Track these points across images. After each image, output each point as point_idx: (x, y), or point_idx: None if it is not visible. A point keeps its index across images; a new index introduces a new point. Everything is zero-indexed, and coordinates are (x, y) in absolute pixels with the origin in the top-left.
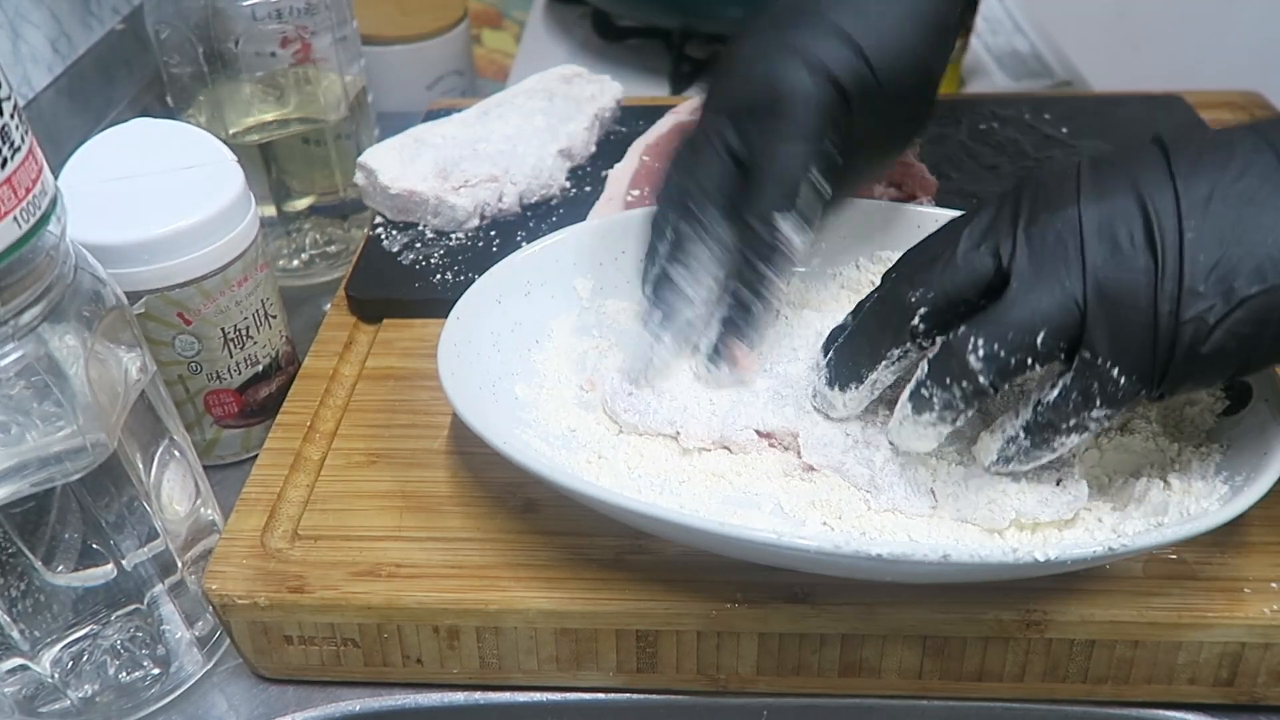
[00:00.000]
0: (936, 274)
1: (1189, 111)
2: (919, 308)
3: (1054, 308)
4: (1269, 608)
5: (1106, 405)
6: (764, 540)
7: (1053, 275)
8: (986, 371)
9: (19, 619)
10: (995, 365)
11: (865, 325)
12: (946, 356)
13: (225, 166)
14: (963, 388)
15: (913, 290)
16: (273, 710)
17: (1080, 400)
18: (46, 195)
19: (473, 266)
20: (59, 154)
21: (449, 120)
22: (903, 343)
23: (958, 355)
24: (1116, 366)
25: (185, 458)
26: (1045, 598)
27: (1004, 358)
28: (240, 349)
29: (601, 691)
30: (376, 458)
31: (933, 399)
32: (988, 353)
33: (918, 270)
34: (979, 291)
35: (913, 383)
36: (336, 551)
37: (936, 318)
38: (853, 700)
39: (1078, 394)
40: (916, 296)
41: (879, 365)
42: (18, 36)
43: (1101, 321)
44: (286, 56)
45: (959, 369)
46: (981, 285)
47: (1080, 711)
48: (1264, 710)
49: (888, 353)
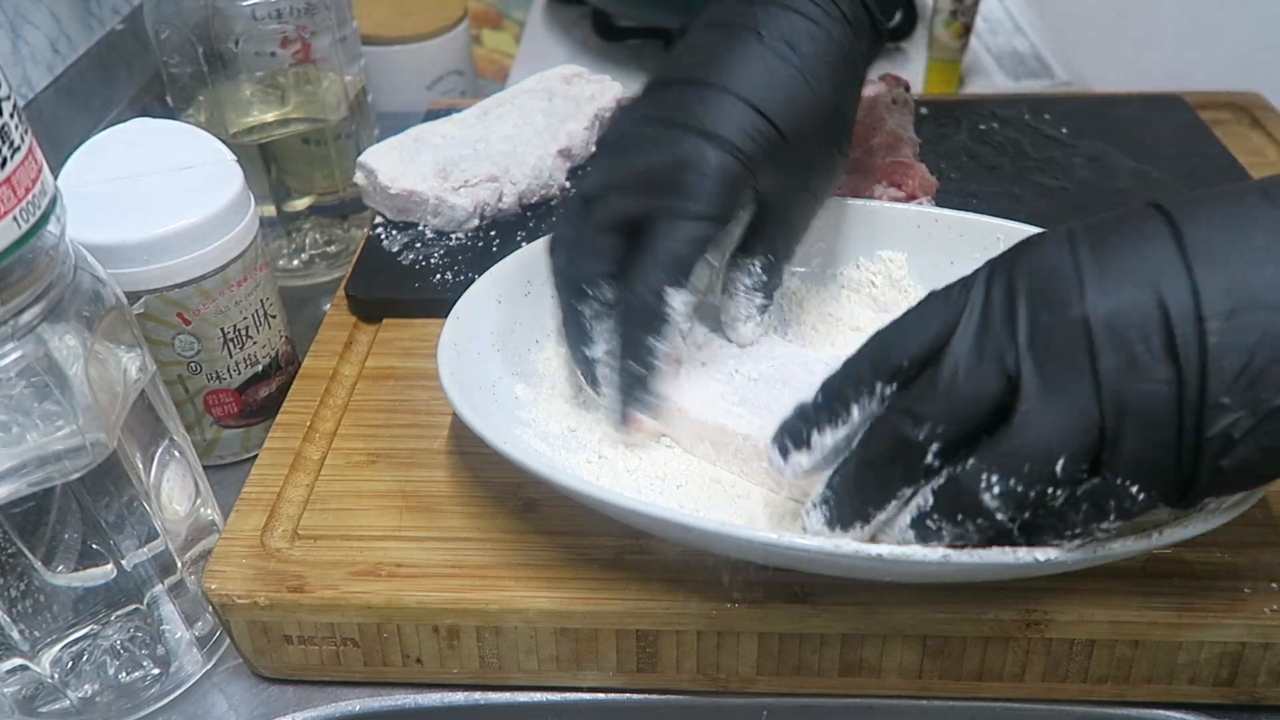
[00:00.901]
0: (940, 402)
1: (1189, 112)
2: (930, 444)
3: (1071, 431)
4: (1269, 608)
5: (1119, 518)
6: (764, 540)
7: (1065, 393)
8: (1005, 509)
9: (19, 619)
10: (1014, 501)
11: (870, 463)
12: (956, 492)
13: (225, 166)
14: (977, 524)
15: (918, 426)
16: (273, 710)
17: (1090, 513)
18: (46, 195)
19: (472, 266)
20: (59, 154)
21: (449, 120)
22: (916, 481)
23: (968, 492)
24: (1136, 484)
25: (185, 458)
26: (1045, 598)
27: (1022, 493)
28: (240, 349)
29: (601, 691)
30: (376, 457)
31: (941, 531)
32: (1004, 490)
33: (914, 395)
34: (991, 415)
35: (913, 510)
36: (336, 551)
37: (950, 451)
38: (853, 700)
39: (1089, 507)
40: (925, 433)
41: (889, 505)
42: (18, 36)
43: (1122, 441)
44: (286, 56)
45: (972, 506)
46: (992, 409)
47: (1080, 711)
48: (1264, 710)
49: (900, 493)
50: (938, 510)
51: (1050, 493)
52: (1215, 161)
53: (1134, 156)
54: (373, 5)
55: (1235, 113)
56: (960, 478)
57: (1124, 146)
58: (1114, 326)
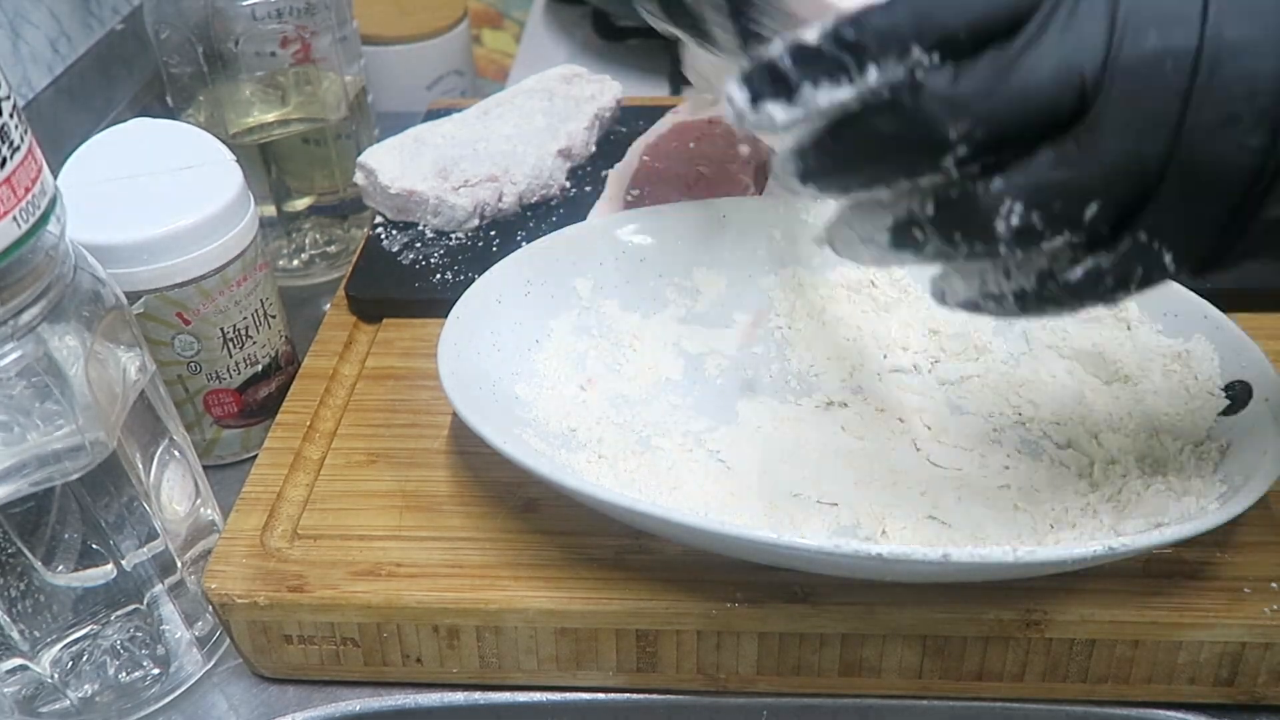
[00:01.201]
0: (992, 99)
1: None
2: (959, 145)
3: (1124, 175)
4: (1269, 608)
5: (1140, 289)
6: (763, 540)
7: (1134, 133)
8: (1011, 242)
9: (19, 619)
10: (1025, 237)
11: (873, 138)
12: (967, 209)
13: (224, 166)
14: (971, 246)
15: (954, 119)
16: (273, 710)
17: (1112, 284)
18: (46, 195)
19: (472, 266)
20: (59, 154)
21: (449, 120)
22: (918, 177)
23: (981, 213)
24: (1172, 254)
25: (185, 457)
26: (1045, 598)
27: (1039, 230)
28: (240, 349)
29: (601, 691)
30: (376, 457)
31: (926, 243)
32: (1023, 223)
33: (966, 86)
34: (1041, 129)
35: (901, 212)
36: (336, 551)
37: (976, 159)
38: (853, 700)
39: (1112, 279)
40: (959, 130)
41: (872, 189)
42: (18, 36)
43: (1176, 202)
44: (287, 56)
45: (978, 229)
46: (1048, 125)
47: (1080, 711)
48: (1264, 710)
49: (894, 183)
50: (936, 222)
51: (1064, 236)
52: None
53: None
54: (373, 5)
55: None
56: (980, 195)
57: None
58: (1224, 75)
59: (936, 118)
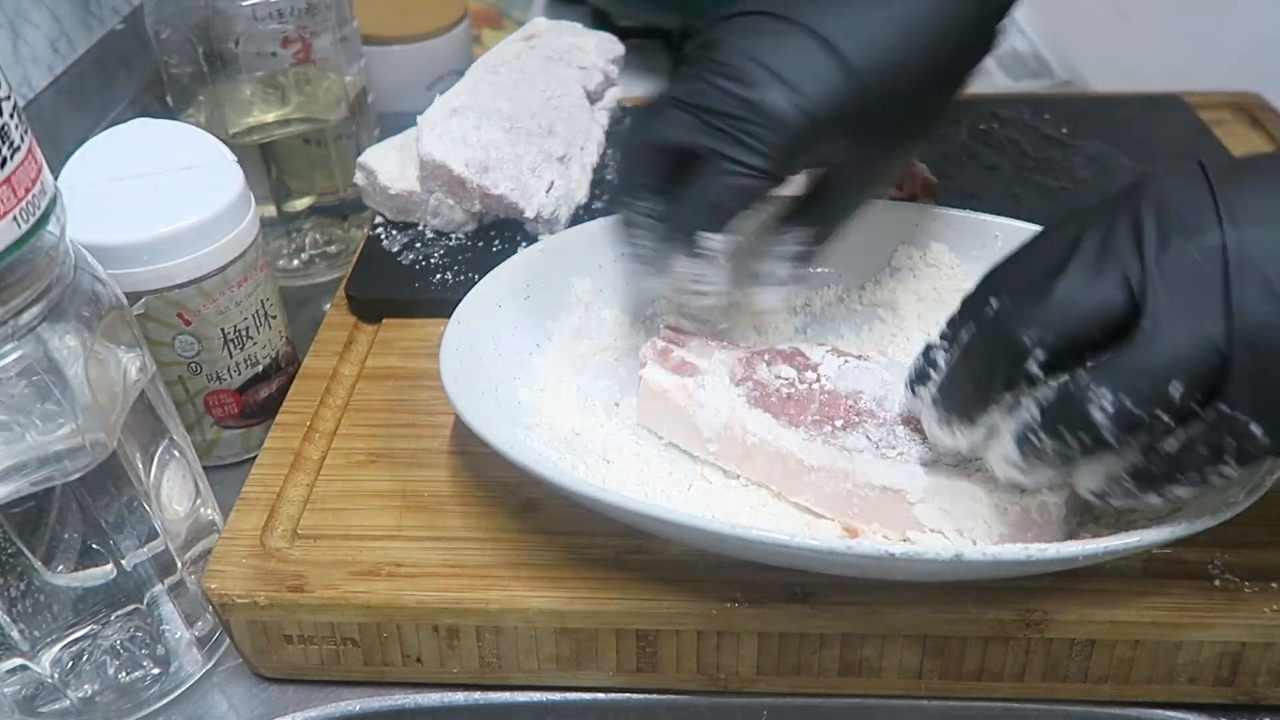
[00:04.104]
0: (1054, 309)
1: (1189, 112)
2: (1035, 351)
3: (1195, 354)
4: (1269, 608)
5: (1238, 462)
6: (776, 541)
7: (1193, 316)
8: (1113, 427)
9: (19, 619)
10: (1123, 419)
11: (969, 365)
12: (1065, 406)
13: (225, 167)
14: (1082, 441)
15: (1025, 329)
16: (273, 710)
17: (1208, 456)
18: (46, 195)
19: (472, 267)
20: (58, 154)
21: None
22: (1015, 387)
23: (1078, 406)
24: (1259, 423)
25: (185, 458)
26: (1045, 598)
27: (1134, 412)
28: (240, 349)
29: (601, 691)
30: (376, 457)
31: (1045, 448)
32: (1116, 406)
33: (1026, 301)
34: (1106, 331)
35: (1017, 425)
36: (336, 551)
37: (1056, 361)
38: (853, 700)
39: (1206, 449)
40: (1032, 337)
41: (990, 409)
42: (18, 36)
43: (1249, 374)
44: (287, 56)
45: (1079, 420)
46: (1110, 324)
47: (1080, 711)
48: (1264, 710)
49: (999, 398)
50: (1044, 425)
51: (1161, 420)
52: (1215, 161)
53: (1134, 156)
54: (373, 5)
55: (1235, 113)
56: (1070, 389)
57: (1124, 146)
58: (1254, 257)
59: (1010, 328)
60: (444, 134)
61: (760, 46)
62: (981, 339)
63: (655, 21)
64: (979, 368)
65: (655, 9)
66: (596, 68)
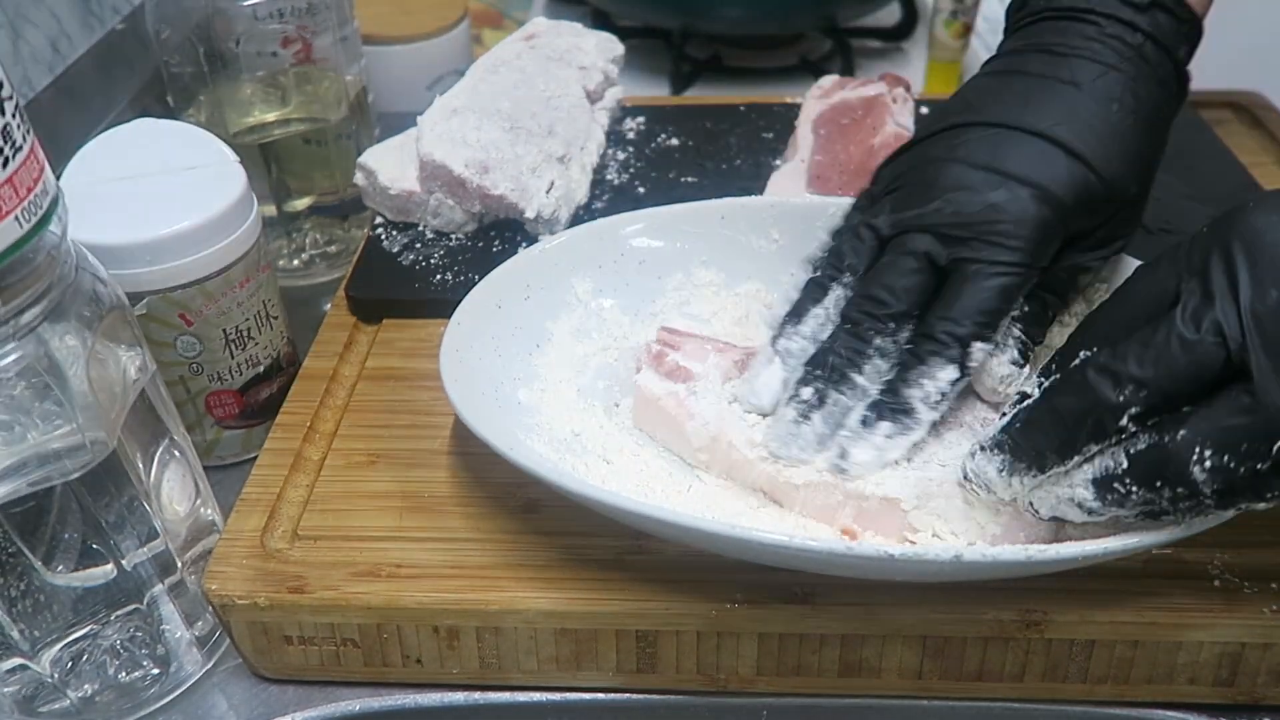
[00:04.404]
0: (1150, 365)
1: (1189, 111)
2: (1129, 407)
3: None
4: (1269, 608)
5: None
6: (776, 542)
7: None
8: (1213, 482)
9: (19, 619)
10: (1223, 476)
11: (1058, 415)
12: (1162, 460)
13: (228, 168)
14: (1176, 493)
15: (1119, 385)
16: (272, 710)
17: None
18: (48, 195)
19: (472, 267)
20: (59, 154)
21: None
22: (1105, 439)
23: (1177, 462)
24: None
25: (185, 457)
26: (1045, 598)
27: (1234, 469)
28: (241, 350)
29: (601, 692)
30: (376, 458)
31: (1130, 495)
32: (1216, 465)
33: (1121, 357)
34: (1205, 385)
35: (1099, 470)
36: (336, 552)
37: (1149, 416)
38: (853, 700)
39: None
40: (1127, 395)
41: (1070, 460)
42: (18, 36)
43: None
44: (288, 56)
45: (1177, 476)
46: (1207, 380)
47: (1080, 711)
48: (1264, 710)
49: (1085, 449)
50: (1133, 475)
51: (1259, 472)
52: (1215, 161)
53: None
54: (373, 5)
55: (1235, 112)
56: (1169, 447)
57: None
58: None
59: (1103, 386)
60: (444, 134)
61: (998, 152)
62: (1072, 391)
63: (655, 21)
64: (1067, 419)
65: (655, 9)
66: (596, 68)
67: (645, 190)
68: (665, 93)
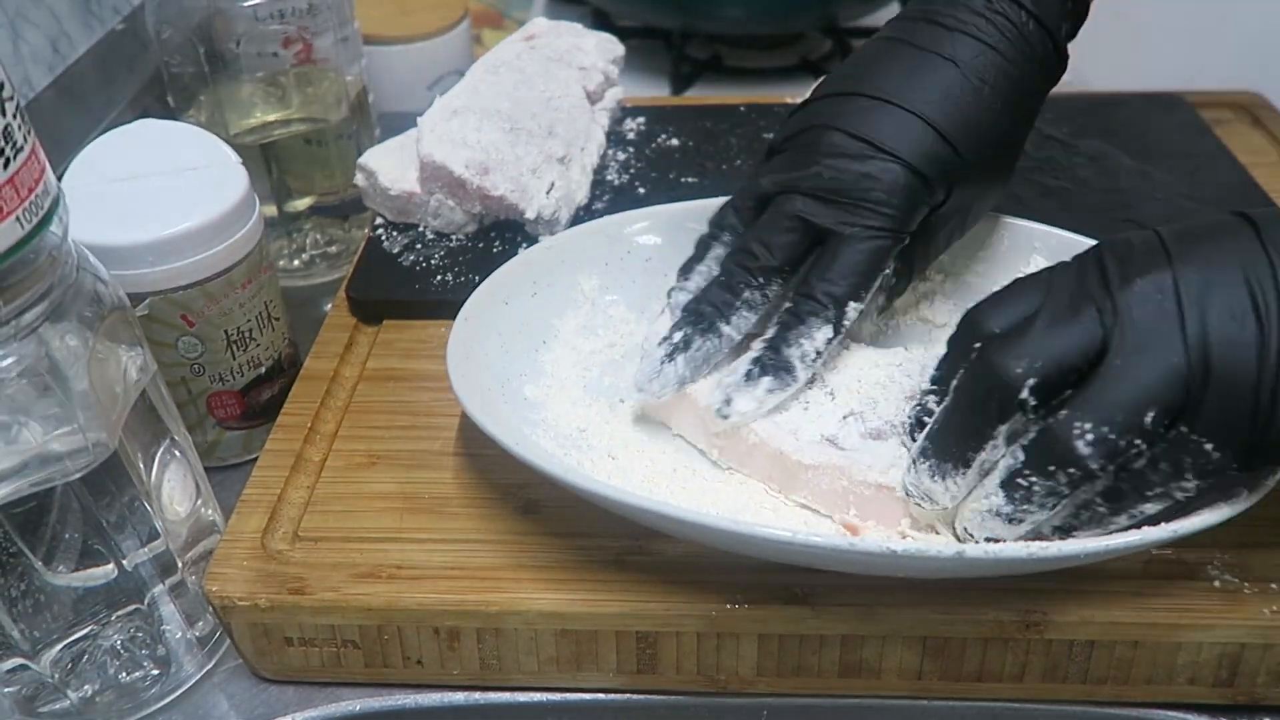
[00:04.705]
0: (1039, 340)
1: (1189, 111)
2: (1027, 379)
3: (1162, 383)
4: (1269, 608)
5: (1196, 479)
6: (779, 538)
7: (1156, 347)
8: (1097, 457)
9: (19, 619)
10: (1104, 449)
11: (961, 404)
12: (1050, 443)
13: (230, 169)
14: (1069, 474)
15: (1015, 360)
16: (273, 710)
17: (1169, 472)
18: (49, 196)
19: (473, 268)
20: (59, 154)
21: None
22: (1009, 419)
23: (1061, 441)
24: (1212, 442)
25: (186, 458)
26: (1045, 598)
27: (1114, 440)
28: (243, 351)
29: (602, 692)
30: (377, 459)
31: (1033, 488)
32: (1097, 437)
33: (1013, 338)
34: (1088, 360)
35: (1002, 472)
36: (337, 553)
37: (1046, 390)
38: (853, 700)
39: (1167, 466)
40: (1023, 367)
41: (985, 447)
42: (18, 36)
43: (1206, 397)
44: (288, 57)
45: (1064, 455)
46: (1091, 353)
47: (1080, 712)
48: (1264, 710)
49: (994, 433)
50: (1029, 464)
51: (1137, 447)
52: (1216, 161)
53: (1134, 156)
54: (373, 5)
55: (1236, 112)
56: (1054, 427)
57: (1124, 146)
58: (1201, 288)
59: (1000, 363)
60: (444, 135)
61: (874, 126)
62: (972, 377)
63: (655, 21)
64: (972, 405)
65: (655, 9)
66: (596, 68)
67: (646, 191)
68: (665, 93)
